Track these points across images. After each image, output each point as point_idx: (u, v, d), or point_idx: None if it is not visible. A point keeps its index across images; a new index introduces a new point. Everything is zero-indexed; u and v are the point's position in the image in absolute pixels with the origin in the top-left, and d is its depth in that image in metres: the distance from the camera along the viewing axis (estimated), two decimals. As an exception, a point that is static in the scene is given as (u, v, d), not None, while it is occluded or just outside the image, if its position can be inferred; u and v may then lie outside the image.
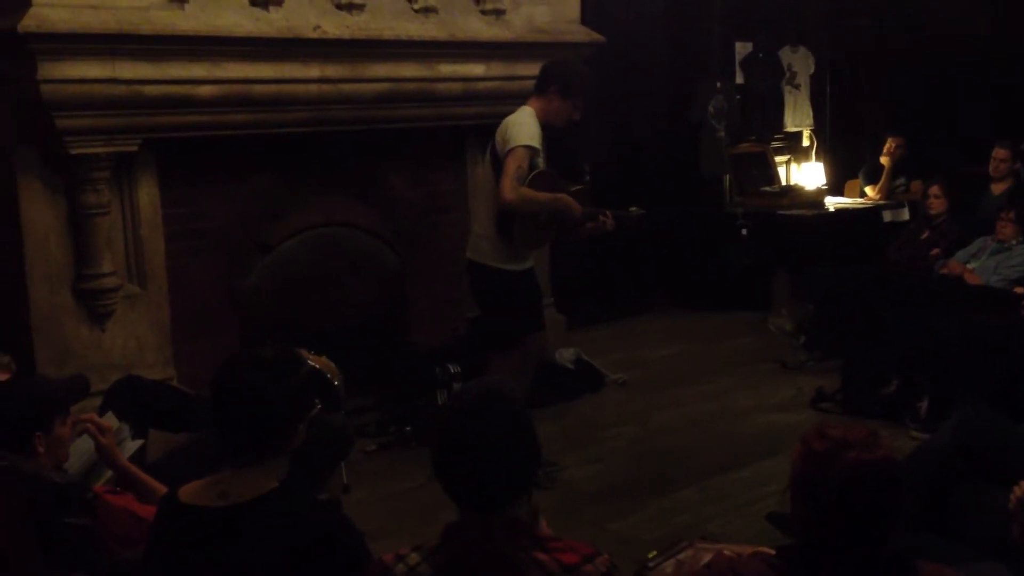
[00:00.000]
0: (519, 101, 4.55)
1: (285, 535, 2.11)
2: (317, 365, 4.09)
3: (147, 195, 4.65)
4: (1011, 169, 6.48)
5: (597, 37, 5.89)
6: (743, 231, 7.30)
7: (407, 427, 5.01)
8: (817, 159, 8.30)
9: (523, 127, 4.22)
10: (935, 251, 6.27)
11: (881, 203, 7.48)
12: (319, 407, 2.68)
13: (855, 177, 7.89)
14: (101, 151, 4.31)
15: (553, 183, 4.32)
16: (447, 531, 1.93)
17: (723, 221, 7.48)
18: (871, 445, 1.89)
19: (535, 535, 1.91)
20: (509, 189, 4.12)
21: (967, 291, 5.62)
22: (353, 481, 4.39)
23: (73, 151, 4.23)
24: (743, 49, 7.97)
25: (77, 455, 3.03)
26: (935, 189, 6.48)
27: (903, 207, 7.36)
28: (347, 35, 4.87)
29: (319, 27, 4.77)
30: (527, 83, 5.32)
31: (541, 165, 4.28)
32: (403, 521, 3.97)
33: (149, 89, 4.32)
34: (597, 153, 6.74)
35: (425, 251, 5.69)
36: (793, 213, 7.32)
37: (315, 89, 4.85)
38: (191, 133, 4.61)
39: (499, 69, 5.49)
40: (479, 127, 5.44)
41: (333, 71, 4.87)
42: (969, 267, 5.84)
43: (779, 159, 8.08)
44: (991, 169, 6.52)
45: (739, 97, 7.75)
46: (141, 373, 4.22)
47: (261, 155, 4.98)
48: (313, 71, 4.81)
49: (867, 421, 4.50)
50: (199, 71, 4.45)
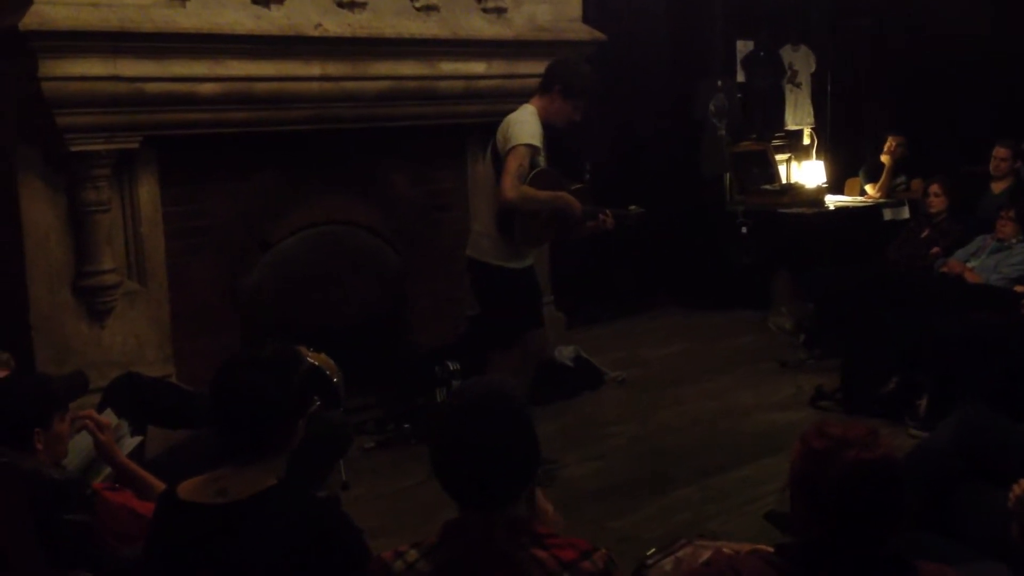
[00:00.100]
0: (520, 99, 4.55)
1: (284, 532, 2.11)
2: (316, 362, 4.09)
3: (148, 193, 4.65)
4: (1011, 168, 6.47)
5: (599, 35, 5.88)
6: (743, 229, 7.30)
7: (406, 425, 5.01)
8: (818, 157, 8.30)
9: (524, 125, 4.21)
10: (935, 250, 6.27)
11: (881, 201, 7.49)
12: (318, 404, 2.68)
13: (855, 175, 7.89)
14: (102, 149, 4.32)
15: (554, 182, 4.32)
16: (446, 529, 1.93)
17: (724, 219, 7.47)
18: (871, 444, 1.88)
19: (534, 532, 1.91)
20: (510, 187, 4.12)
21: (967, 290, 5.62)
22: (352, 478, 4.40)
23: (74, 149, 4.23)
24: (744, 47, 7.97)
25: (76, 452, 3.03)
26: (935, 187, 6.48)
27: (903, 205, 7.37)
28: (348, 33, 4.87)
29: (320, 25, 4.77)
30: (528, 81, 5.33)
31: (542, 164, 4.28)
32: (402, 519, 3.98)
33: (150, 87, 4.33)
34: (598, 152, 6.74)
35: (426, 249, 5.69)
36: (793, 211, 7.32)
37: (316, 87, 4.85)
38: (192, 131, 4.61)
39: (500, 67, 5.49)
40: (480, 125, 5.44)
41: (334, 69, 4.88)
42: (969, 266, 5.83)
43: (780, 157, 8.08)
44: (991, 168, 6.52)
45: (740, 95, 7.74)
46: (141, 370, 4.22)
47: (262, 153, 4.98)
48: (314, 69, 4.81)
49: (867, 420, 4.48)
50: (200, 69, 4.46)
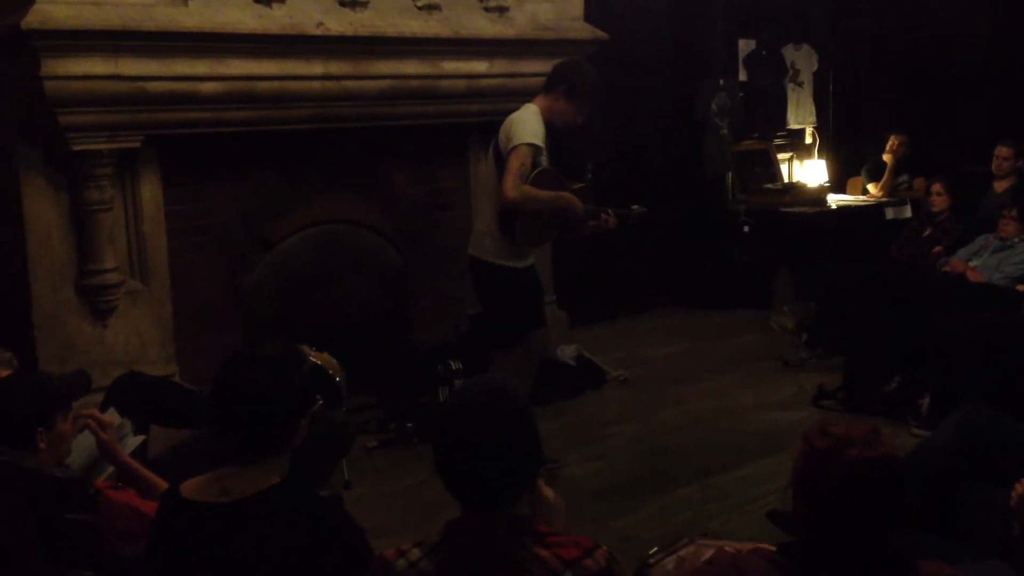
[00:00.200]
0: (522, 98, 4.55)
1: (286, 531, 2.12)
2: (319, 361, 4.09)
3: (150, 192, 4.66)
4: (1013, 167, 6.47)
5: (600, 34, 5.88)
6: (745, 229, 7.30)
7: (408, 424, 5.01)
8: (820, 156, 8.30)
9: (526, 125, 4.21)
10: (937, 249, 6.27)
11: (883, 200, 7.49)
12: (321, 403, 2.68)
13: (857, 175, 7.89)
14: (104, 148, 4.32)
15: (556, 181, 4.32)
16: (448, 528, 1.93)
17: (726, 219, 7.47)
18: (873, 442, 1.88)
19: (536, 531, 1.91)
20: (511, 187, 4.12)
21: (969, 289, 5.62)
22: (354, 478, 4.40)
23: (76, 148, 4.24)
24: (746, 46, 7.97)
25: (79, 450, 3.03)
26: (937, 187, 6.48)
27: (905, 204, 7.36)
28: (350, 32, 4.86)
29: (322, 24, 4.77)
30: (530, 80, 5.34)
31: (544, 163, 4.28)
32: (404, 518, 3.98)
33: (152, 86, 4.33)
34: (600, 151, 6.74)
35: (427, 248, 5.69)
36: (795, 210, 7.32)
37: (318, 86, 4.85)
38: (194, 130, 4.61)
39: (502, 66, 5.49)
40: (482, 124, 5.44)
41: (336, 68, 4.87)
42: (971, 265, 5.83)
43: (782, 156, 8.07)
44: (993, 167, 6.52)
45: (742, 95, 7.75)
46: (143, 369, 4.23)
47: (264, 152, 4.98)
48: (316, 68, 4.81)
49: (869, 418, 4.49)
50: (202, 68, 4.46)
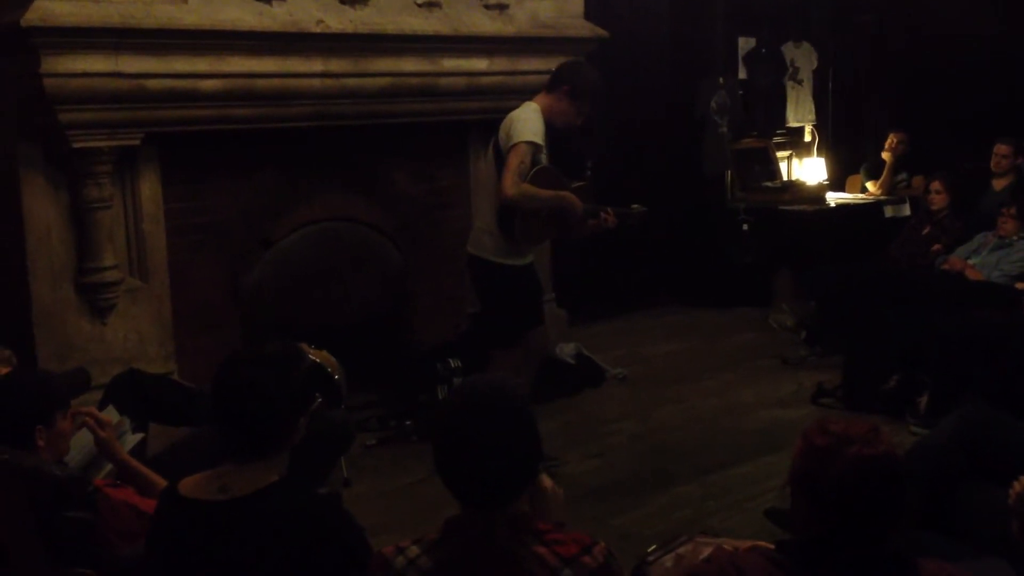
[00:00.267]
0: (522, 96, 4.54)
1: (285, 529, 2.11)
2: (318, 359, 4.09)
3: (149, 189, 4.65)
4: (1012, 165, 6.47)
5: (601, 32, 5.88)
6: (745, 227, 7.30)
7: (408, 422, 5.01)
8: (819, 154, 8.30)
9: (527, 123, 4.21)
10: (936, 247, 6.27)
11: (883, 199, 7.49)
12: (320, 401, 2.68)
13: (857, 173, 7.89)
14: (103, 145, 4.31)
15: (555, 180, 4.32)
16: (448, 525, 1.93)
17: (725, 217, 7.47)
18: (872, 440, 1.88)
19: (535, 529, 1.91)
20: (511, 185, 4.12)
21: (968, 287, 5.62)
22: (354, 476, 4.40)
23: (76, 145, 4.23)
24: (746, 44, 7.96)
25: (77, 448, 3.03)
26: (936, 185, 6.48)
27: (904, 203, 7.37)
28: (350, 30, 4.86)
29: (322, 22, 4.77)
30: (530, 78, 5.35)
31: (544, 162, 4.28)
32: (403, 516, 3.98)
33: (152, 83, 4.33)
34: (599, 149, 6.73)
35: (427, 247, 5.69)
36: (795, 209, 7.32)
37: (318, 84, 4.85)
38: (194, 127, 4.61)
39: (502, 64, 5.49)
40: (482, 122, 5.44)
41: (336, 66, 4.87)
42: (970, 263, 5.83)
43: (781, 155, 8.07)
44: (992, 165, 6.52)
45: (741, 92, 7.74)
46: (142, 367, 4.22)
47: (264, 150, 4.98)
48: (316, 66, 4.81)
49: (868, 417, 4.48)
50: (202, 65, 4.45)
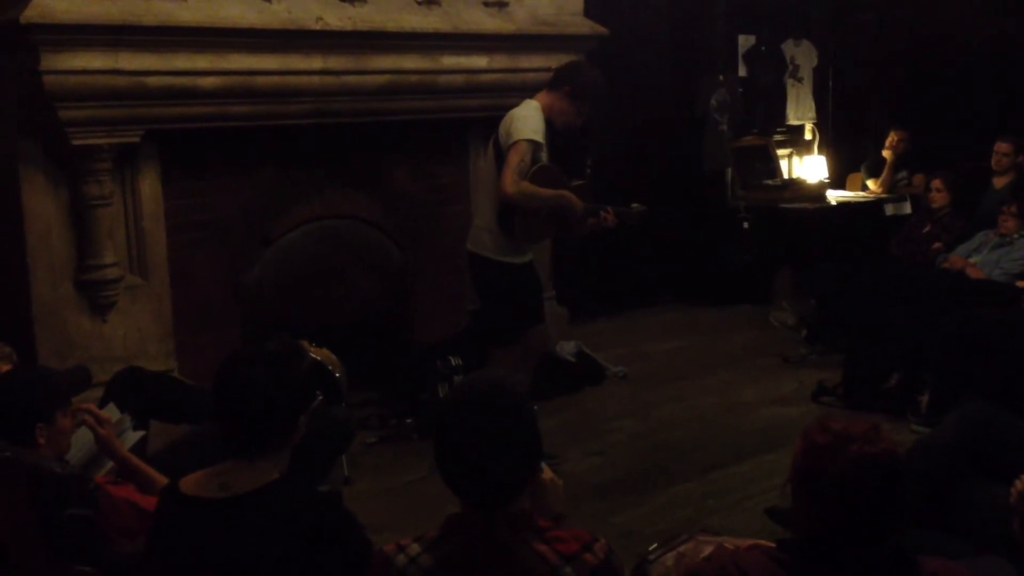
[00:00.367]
0: (522, 93, 4.54)
1: (286, 527, 2.11)
2: (319, 357, 4.09)
3: (149, 187, 4.65)
4: (1013, 163, 6.46)
5: (600, 29, 5.87)
6: (745, 225, 7.30)
7: (408, 420, 5.01)
8: (819, 152, 8.30)
9: (527, 121, 4.20)
10: (937, 245, 6.27)
11: (883, 197, 7.48)
12: (321, 399, 2.68)
13: (857, 171, 7.89)
14: (103, 142, 4.31)
15: (555, 178, 4.31)
16: (448, 523, 1.93)
17: (725, 215, 7.47)
18: (873, 438, 1.88)
19: (536, 526, 1.91)
20: (510, 183, 4.11)
21: (969, 285, 5.61)
22: (354, 474, 4.40)
23: (75, 142, 4.23)
24: (746, 42, 7.96)
25: (78, 446, 3.02)
26: (937, 183, 6.48)
27: (905, 201, 7.36)
28: (350, 27, 4.86)
29: (322, 19, 4.76)
30: (530, 75, 5.34)
31: (544, 160, 4.27)
32: (404, 514, 3.97)
33: (152, 80, 4.32)
34: (599, 147, 6.73)
35: (427, 244, 5.69)
36: (795, 207, 7.33)
37: (318, 81, 4.85)
38: (194, 124, 4.61)
39: (502, 61, 5.48)
40: (482, 120, 5.43)
41: (336, 63, 4.87)
42: (971, 261, 5.83)
43: (781, 152, 8.07)
44: (993, 163, 6.51)
45: (742, 90, 7.73)
46: (143, 365, 4.22)
47: (263, 147, 4.98)
48: (316, 63, 4.80)
49: (869, 415, 4.49)
50: (202, 62, 4.45)
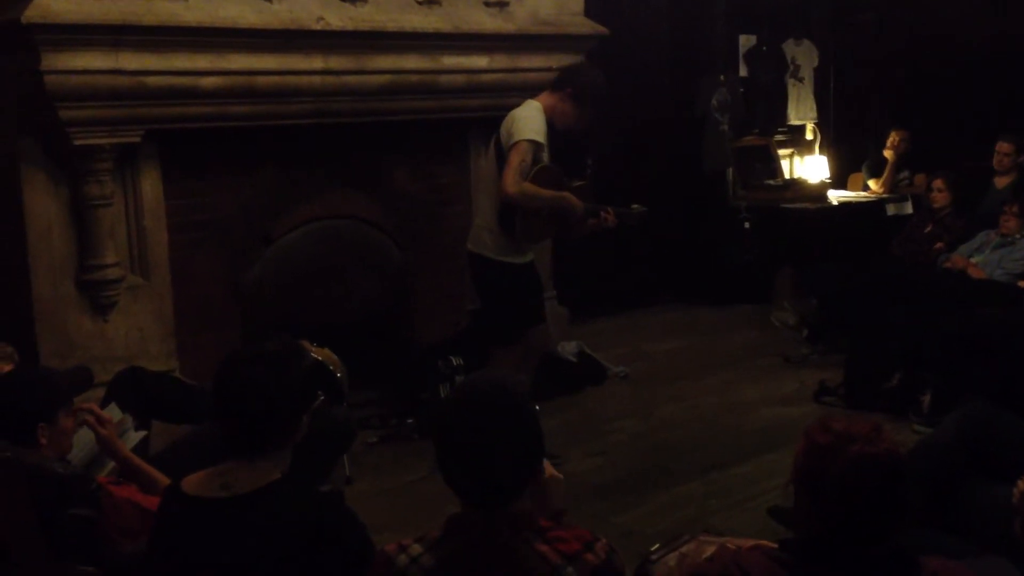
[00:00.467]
0: (522, 93, 4.54)
1: (288, 526, 2.11)
2: (320, 357, 4.09)
3: (150, 186, 4.65)
4: (1015, 163, 6.46)
5: (601, 29, 5.87)
6: (746, 225, 7.29)
7: (409, 420, 5.01)
8: (821, 152, 8.29)
9: (528, 121, 4.20)
10: (938, 245, 6.27)
11: (884, 197, 7.48)
12: (322, 399, 2.68)
13: (858, 170, 7.88)
14: (104, 142, 4.31)
15: (556, 179, 4.31)
16: (450, 523, 1.93)
17: (726, 215, 7.46)
18: (875, 438, 1.87)
19: (537, 526, 1.90)
20: (511, 183, 4.11)
21: (970, 285, 5.61)
22: (355, 473, 4.40)
23: (76, 142, 4.23)
24: (747, 42, 7.95)
25: (80, 445, 3.03)
26: (939, 183, 6.48)
27: (906, 201, 7.36)
28: (350, 27, 4.86)
29: (322, 19, 4.76)
30: (530, 75, 5.34)
31: (545, 160, 4.27)
32: (405, 514, 3.97)
33: (152, 80, 4.32)
34: (600, 147, 6.73)
35: (428, 244, 5.68)
36: (796, 206, 7.32)
37: (318, 81, 4.84)
38: (194, 124, 4.61)
39: (503, 61, 5.48)
40: (482, 119, 5.43)
41: (336, 63, 4.87)
42: (972, 261, 5.83)
43: (782, 152, 8.07)
44: (995, 163, 6.51)
45: (742, 90, 7.73)
46: (144, 364, 4.22)
47: (264, 147, 4.98)
48: (316, 63, 4.80)
49: (870, 415, 4.49)
50: (203, 62, 4.45)
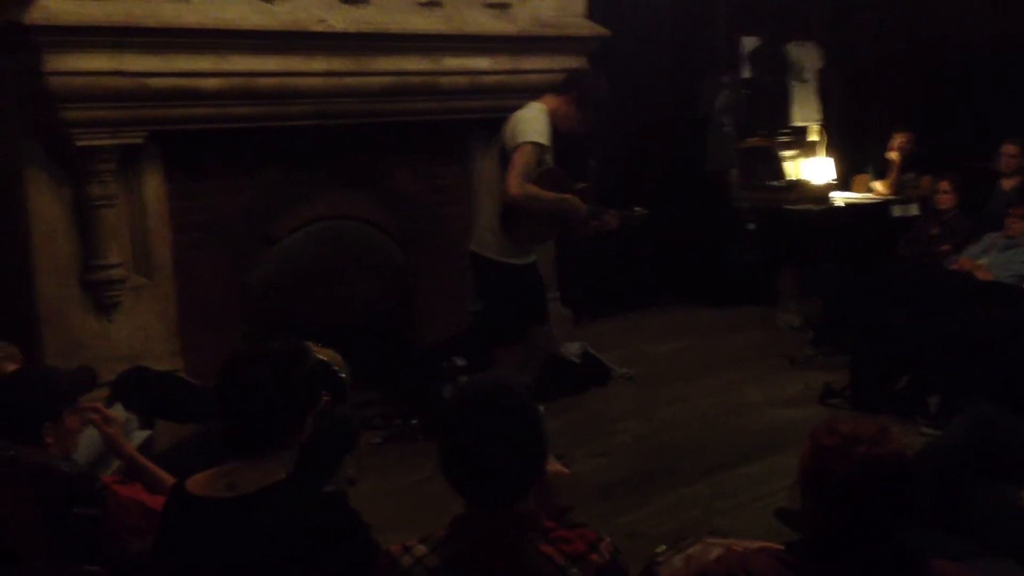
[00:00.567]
0: (524, 95, 4.53)
1: (292, 526, 2.11)
2: (323, 357, 4.07)
3: (153, 187, 4.65)
4: (1020, 165, 6.45)
5: (602, 31, 5.86)
6: (750, 226, 7.28)
7: (413, 420, 5.01)
8: (825, 154, 8.27)
9: (532, 123, 4.20)
10: (944, 247, 6.25)
11: (890, 198, 7.46)
12: (326, 399, 2.67)
13: (863, 172, 7.86)
14: (107, 143, 4.31)
15: (560, 181, 4.31)
16: (454, 523, 1.92)
17: (729, 216, 7.46)
18: (881, 440, 1.87)
19: (541, 526, 1.90)
20: (515, 184, 4.11)
21: (976, 287, 5.60)
22: (359, 474, 4.39)
23: (79, 143, 4.23)
24: (750, 43, 7.95)
25: (85, 445, 3.03)
26: (944, 184, 6.46)
27: (912, 202, 7.34)
28: (352, 28, 4.86)
29: (324, 20, 4.76)
30: (532, 77, 5.34)
31: (549, 162, 4.27)
32: (409, 514, 3.96)
33: (155, 82, 4.33)
34: (602, 148, 6.72)
35: (429, 245, 5.68)
36: (800, 208, 7.30)
37: (320, 82, 4.84)
38: (197, 126, 4.61)
39: (504, 63, 5.48)
40: (484, 121, 5.43)
41: (338, 64, 4.87)
42: (979, 263, 5.81)
43: (786, 154, 8.04)
44: (1000, 165, 6.50)
45: (746, 92, 7.72)
46: (148, 364, 4.22)
47: (266, 148, 4.98)
48: (318, 64, 4.80)
49: (876, 416, 4.48)
50: (205, 64, 4.45)
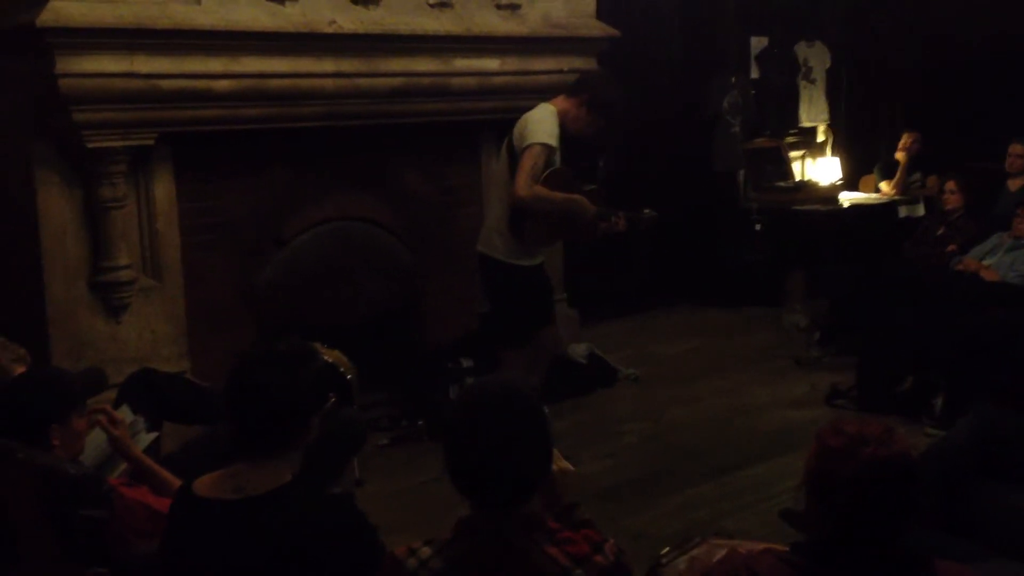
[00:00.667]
0: (534, 96, 4.54)
1: (299, 528, 2.12)
2: (331, 359, 4.09)
3: (163, 189, 4.67)
4: (1028, 165, 6.44)
5: (612, 32, 5.87)
6: (757, 227, 7.28)
7: (420, 422, 5.02)
8: (833, 154, 8.27)
9: (541, 124, 4.19)
10: (951, 247, 6.24)
11: (896, 199, 7.46)
12: (333, 401, 2.69)
13: (870, 172, 7.86)
14: (118, 145, 4.33)
15: (568, 182, 4.31)
16: (460, 526, 1.93)
17: (737, 217, 7.45)
18: (887, 441, 1.87)
19: (546, 528, 1.90)
20: (523, 186, 4.11)
21: (983, 287, 5.59)
22: (366, 475, 4.40)
23: (90, 145, 4.24)
24: (758, 44, 7.94)
25: (92, 447, 3.03)
26: (951, 185, 6.46)
27: (919, 203, 7.34)
28: (362, 30, 4.87)
29: (334, 22, 4.77)
30: (542, 78, 5.35)
31: (558, 163, 4.27)
32: (416, 515, 3.97)
33: (166, 83, 4.34)
34: (611, 148, 6.72)
35: (438, 246, 5.69)
36: (808, 209, 7.30)
37: (330, 84, 4.86)
38: (207, 127, 4.62)
39: (514, 64, 5.49)
40: (494, 122, 5.44)
41: (348, 66, 4.88)
42: (985, 263, 5.81)
43: (794, 154, 8.05)
44: (1007, 165, 6.49)
45: (754, 92, 7.72)
46: (156, 366, 4.23)
47: (276, 150, 4.99)
48: (328, 66, 4.81)
49: (882, 418, 4.47)
50: (216, 66, 4.47)
